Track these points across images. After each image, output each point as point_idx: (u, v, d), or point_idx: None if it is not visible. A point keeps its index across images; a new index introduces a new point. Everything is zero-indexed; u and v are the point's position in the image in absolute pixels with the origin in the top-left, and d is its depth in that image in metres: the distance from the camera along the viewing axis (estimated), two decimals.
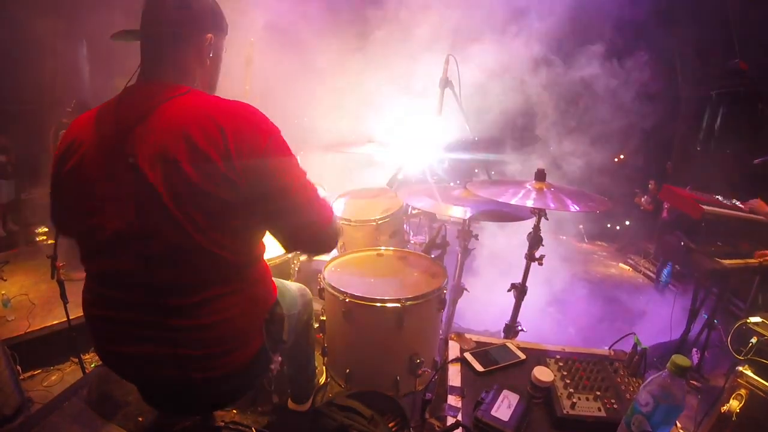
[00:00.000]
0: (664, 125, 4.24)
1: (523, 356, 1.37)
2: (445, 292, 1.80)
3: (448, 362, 1.35)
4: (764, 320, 1.67)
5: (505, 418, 1.06)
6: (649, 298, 3.55)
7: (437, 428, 1.24)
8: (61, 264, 1.94)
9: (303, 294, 1.55)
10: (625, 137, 4.26)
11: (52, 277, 1.95)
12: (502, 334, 1.96)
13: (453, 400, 1.19)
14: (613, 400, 1.14)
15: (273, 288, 1.21)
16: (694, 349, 2.40)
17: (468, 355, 1.35)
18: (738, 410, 1.55)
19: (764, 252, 2.09)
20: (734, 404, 1.57)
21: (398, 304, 1.64)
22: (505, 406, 1.10)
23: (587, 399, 1.14)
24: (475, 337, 1.47)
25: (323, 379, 2.01)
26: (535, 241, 1.82)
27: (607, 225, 4.97)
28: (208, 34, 1.06)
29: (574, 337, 2.88)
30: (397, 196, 2.43)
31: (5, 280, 2.78)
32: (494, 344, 1.44)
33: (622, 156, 4.73)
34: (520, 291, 1.90)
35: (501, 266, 2.89)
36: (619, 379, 1.24)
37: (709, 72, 3.85)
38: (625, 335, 1.41)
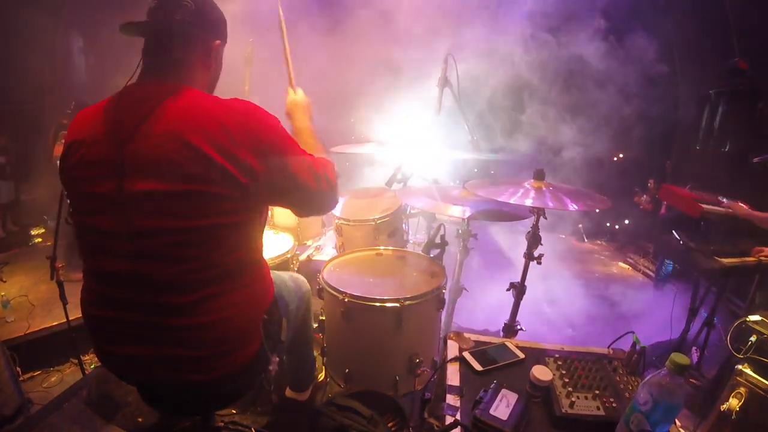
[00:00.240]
0: (663, 124, 4.24)
1: (522, 355, 1.38)
2: (444, 291, 1.80)
3: (447, 361, 1.35)
4: (764, 319, 1.67)
5: (504, 417, 1.06)
6: (649, 297, 3.54)
7: (436, 427, 1.23)
8: (60, 265, 1.94)
9: (299, 286, 1.55)
10: (625, 136, 4.26)
11: (52, 278, 1.95)
12: (501, 334, 1.96)
13: (452, 399, 1.19)
14: (612, 399, 1.14)
15: (271, 287, 1.22)
16: (693, 348, 2.40)
17: (467, 355, 1.35)
18: (737, 408, 1.55)
19: (761, 249, 2.08)
20: (734, 402, 1.57)
21: (397, 304, 1.64)
22: (503, 405, 1.10)
23: (586, 398, 1.14)
24: (474, 337, 1.47)
25: (321, 376, 2.02)
26: (534, 240, 1.83)
27: (607, 224, 4.97)
28: (217, 41, 1.11)
29: (573, 336, 2.88)
30: (396, 195, 2.43)
31: (5, 281, 2.78)
32: (493, 343, 1.44)
33: (621, 155, 4.73)
34: (519, 290, 1.90)
35: (500, 265, 2.89)
36: (618, 378, 1.23)
37: (708, 71, 3.85)
38: (624, 334, 1.41)
